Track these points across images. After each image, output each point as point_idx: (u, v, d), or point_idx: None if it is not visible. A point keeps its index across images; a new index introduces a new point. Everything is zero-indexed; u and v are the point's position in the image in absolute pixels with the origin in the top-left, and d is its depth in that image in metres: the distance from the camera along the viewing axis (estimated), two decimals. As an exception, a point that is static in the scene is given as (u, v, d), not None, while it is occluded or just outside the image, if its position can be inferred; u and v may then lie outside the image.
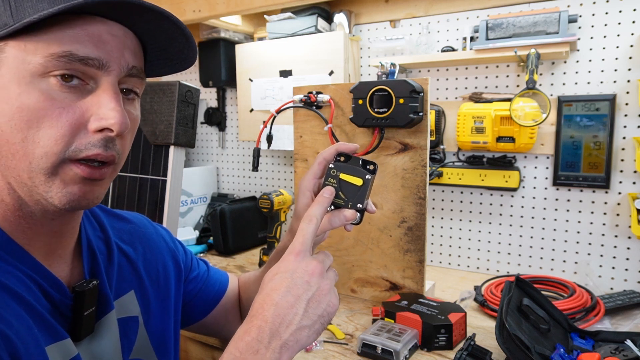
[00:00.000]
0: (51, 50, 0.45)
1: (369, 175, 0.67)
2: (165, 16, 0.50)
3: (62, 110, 0.46)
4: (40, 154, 0.46)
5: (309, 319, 0.51)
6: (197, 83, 2.05)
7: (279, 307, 0.50)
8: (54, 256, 0.55)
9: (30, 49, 0.45)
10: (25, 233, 0.51)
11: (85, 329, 0.55)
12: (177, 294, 0.76)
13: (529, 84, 1.29)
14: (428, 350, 0.96)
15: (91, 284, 0.56)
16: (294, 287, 0.52)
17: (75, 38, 0.46)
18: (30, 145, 0.46)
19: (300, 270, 0.53)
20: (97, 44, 0.47)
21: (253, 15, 1.90)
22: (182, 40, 0.54)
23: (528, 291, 1.00)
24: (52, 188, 0.48)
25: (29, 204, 0.50)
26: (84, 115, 0.48)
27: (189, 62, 0.59)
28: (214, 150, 2.17)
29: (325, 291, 0.53)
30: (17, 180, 0.48)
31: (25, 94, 0.45)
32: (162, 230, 0.80)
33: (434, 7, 1.52)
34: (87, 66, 0.47)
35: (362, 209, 0.68)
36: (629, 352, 0.86)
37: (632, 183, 1.28)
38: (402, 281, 1.18)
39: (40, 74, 0.46)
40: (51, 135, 0.46)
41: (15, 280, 0.48)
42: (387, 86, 1.07)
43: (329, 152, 0.71)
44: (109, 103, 0.48)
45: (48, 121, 0.46)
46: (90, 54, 0.47)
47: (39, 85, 0.46)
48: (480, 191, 1.51)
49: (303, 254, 0.55)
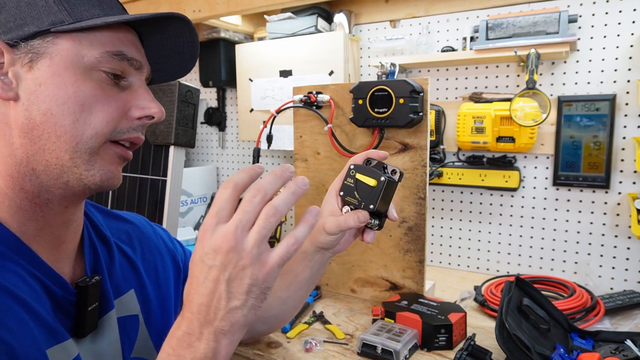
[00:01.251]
0: (107, 48, 0.53)
1: (384, 177, 0.67)
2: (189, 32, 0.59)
3: (111, 99, 0.53)
4: (91, 135, 0.52)
5: (237, 299, 0.46)
6: (197, 83, 2.05)
7: (200, 296, 0.46)
8: (59, 250, 0.56)
9: (85, 44, 0.52)
10: (38, 222, 0.53)
11: (89, 325, 0.56)
12: (177, 293, 0.76)
13: (529, 84, 1.29)
14: (428, 350, 0.96)
15: (94, 280, 0.57)
16: (210, 271, 0.46)
17: (121, 42, 0.54)
18: (81, 126, 0.52)
19: (209, 251, 0.46)
20: (137, 49, 0.56)
21: (253, 15, 1.90)
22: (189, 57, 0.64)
23: (528, 291, 1.00)
24: (94, 166, 0.53)
25: (51, 189, 0.53)
26: (126, 104, 0.55)
27: (181, 75, 0.67)
28: (214, 150, 2.17)
29: (245, 264, 0.46)
30: (49, 163, 0.51)
31: (81, 81, 0.51)
32: (160, 231, 0.80)
33: (434, 7, 1.52)
34: (130, 66, 0.55)
35: (374, 210, 0.67)
36: (629, 352, 0.86)
37: (632, 183, 1.28)
38: (402, 281, 1.18)
39: (94, 66, 0.52)
40: (103, 118, 0.53)
41: (18, 280, 0.49)
42: (387, 86, 1.07)
43: (359, 157, 0.73)
44: (148, 96, 0.57)
45: (100, 106, 0.52)
46: (135, 56, 0.55)
47: (91, 76, 0.52)
48: (480, 191, 1.51)
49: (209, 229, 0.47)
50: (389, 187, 0.68)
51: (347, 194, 0.70)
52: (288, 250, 0.48)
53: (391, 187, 0.68)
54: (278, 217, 0.48)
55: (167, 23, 0.57)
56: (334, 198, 0.74)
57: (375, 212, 0.68)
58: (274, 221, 0.47)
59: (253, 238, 0.46)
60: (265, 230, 0.47)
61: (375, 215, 0.70)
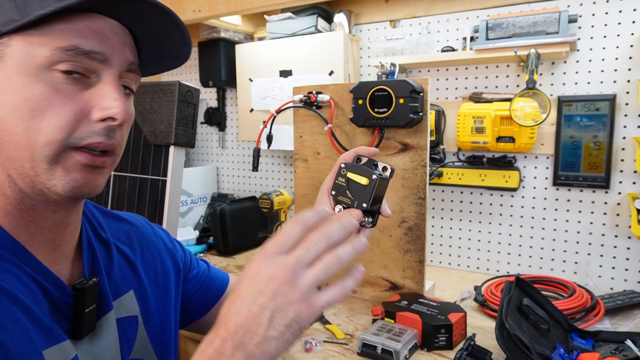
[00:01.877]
0: (58, 44, 0.47)
1: (375, 175, 0.67)
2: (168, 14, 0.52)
3: (66, 100, 0.48)
4: (44, 142, 0.48)
5: (276, 330, 0.46)
6: (197, 83, 2.05)
7: (241, 317, 0.46)
8: (56, 253, 0.56)
9: (36, 42, 0.47)
10: (29, 227, 0.52)
11: (86, 327, 0.55)
12: (177, 294, 0.76)
13: (529, 84, 1.29)
14: (428, 350, 0.96)
15: (91, 281, 0.56)
16: (258, 296, 0.47)
17: (79, 33, 0.49)
18: (33, 134, 0.48)
19: (264, 276, 0.47)
20: (101, 39, 0.50)
21: (253, 15, 1.90)
22: (178, 40, 0.56)
23: (528, 291, 1.00)
24: (54, 176, 0.49)
25: (30, 196, 0.51)
26: (86, 105, 0.50)
27: (183, 60, 0.61)
28: (214, 150, 2.17)
29: (293, 300, 0.47)
30: (18, 172, 0.49)
31: (31, 85, 0.47)
32: (160, 231, 0.80)
33: (434, 7, 1.52)
34: (92, 60, 0.49)
35: (367, 209, 0.67)
36: (629, 352, 0.86)
37: (632, 183, 1.28)
38: (402, 281, 1.18)
39: (46, 66, 0.48)
40: (55, 124, 0.48)
41: (15, 281, 0.48)
42: (387, 86, 1.07)
43: (349, 155, 0.73)
44: (113, 94, 0.50)
45: (52, 110, 0.48)
46: (95, 48, 0.49)
47: (44, 77, 0.48)
48: (480, 191, 1.51)
49: (271, 256, 0.48)
50: (381, 184, 0.68)
51: (339, 194, 0.70)
52: (335, 298, 0.50)
53: (383, 184, 0.68)
54: (337, 268, 0.49)
55: (131, 6, 0.50)
56: (325, 197, 0.73)
57: (369, 210, 0.68)
58: (333, 269, 0.49)
59: (309, 278, 0.48)
60: (323, 275, 0.48)
61: (369, 213, 0.70)
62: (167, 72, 0.66)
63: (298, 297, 0.47)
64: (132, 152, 1.25)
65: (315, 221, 0.51)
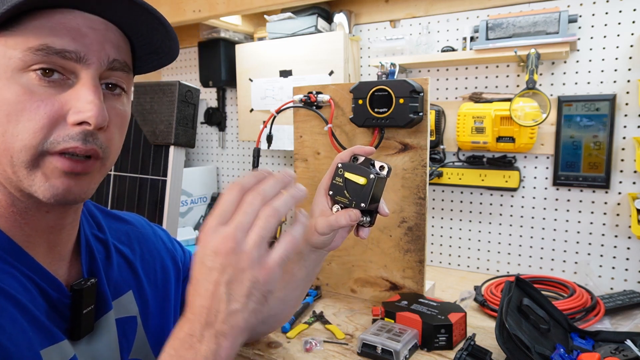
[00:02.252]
0: (29, 44, 0.46)
1: (373, 174, 0.67)
2: (139, 5, 0.49)
3: (40, 103, 0.46)
4: (20, 147, 0.47)
5: (237, 302, 0.46)
6: (197, 83, 2.05)
7: (201, 298, 0.46)
8: (53, 253, 0.55)
9: (10, 44, 0.46)
10: (23, 229, 0.52)
11: (84, 328, 0.55)
12: (177, 294, 0.76)
13: (529, 84, 1.29)
14: (428, 350, 0.96)
15: (89, 282, 0.56)
16: (210, 273, 0.46)
17: (52, 31, 0.46)
18: (10, 139, 0.46)
19: (209, 252, 0.46)
20: (75, 37, 0.47)
21: (253, 15, 1.90)
22: (161, 31, 0.54)
23: (528, 291, 1.00)
24: (34, 182, 0.48)
25: (20, 199, 0.50)
26: (62, 108, 0.48)
27: (173, 54, 0.58)
28: (214, 150, 2.17)
29: (244, 268, 0.46)
30: (3, 176, 0.49)
31: (5, 88, 0.46)
32: (160, 231, 0.80)
33: (434, 7, 1.52)
34: (65, 59, 0.47)
35: (366, 208, 0.67)
36: (629, 352, 0.86)
37: (632, 183, 1.28)
38: (402, 281, 1.18)
39: (21, 68, 0.46)
40: (29, 128, 0.46)
41: (13, 281, 0.48)
42: (387, 86, 1.07)
43: (346, 154, 0.73)
44: (87, 96, 0.48)
45: (27, 114, 0.46)
46: (68, 46, 0.47)
47: (19, 79, 0.46)
48: (480, 191, 1.51)
49: (211, 230, 0.47)
50: (379, 183, 0.68)
51: (337, 194, 0.70)
52: (286, 250, 0.48)
53: (381, 183, 0.68)
54: (277, 218, 0.47)
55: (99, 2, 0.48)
56: (323, 197, 0.73)
57: (367, 209, 0.68)
58: (273, 222, 0.47)
59: (252, 239, 0.46)
60: (265, 231, 0.46)
61: (367, 212, 0.70)
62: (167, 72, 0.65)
63: (248, 263, 0.46)
64: (132, 152, 1.25)
65: (252, 183, 0.49)
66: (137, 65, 0.58)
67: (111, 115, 0.51)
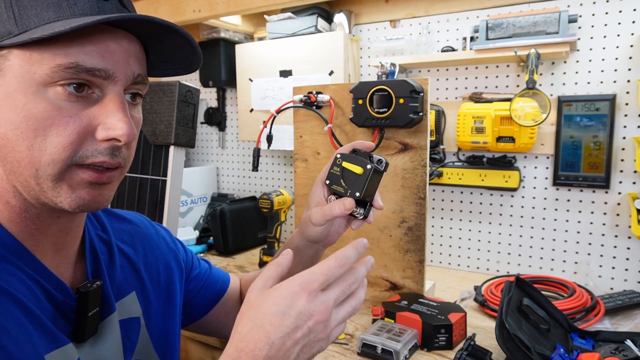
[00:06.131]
0: (58, 62, 0.45)
1: (370, 164, 0.67)
2: (175, 30, 0.50)
3: (69, 119, 0.47)
4: (47, 161, 0.47)
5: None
6: (197, 83, 2.05)
7: (273, 349, 0.47)
8: (59, 256, 0.55)
9: (35, 58, 0.45)
10: (33, 234, 0.52)
11: (89, 330, 0.55)
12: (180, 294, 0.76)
13: (529, 84, 1.29)
14: (428, 350, 0.96)
15: (95, 285, 0.56)
16: (295, 331, 0.48)
17: (81, 49, 0.46)
18: (37, 153, 0.47)
19: (305, 312, 0.48)
20: (104, 55, 0.47)
21: (253, 15, 1.90)
22: (188, 50, 0.55)
23: (528, 291, 1.00)
24: (60, 193, 0.48)
25: (35, 205, 0.50)
26: (91, 123, 0.48)
27: (194, 68, 0.59)
28: (214, 150, 2.17)
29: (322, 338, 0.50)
30: (23, 185, 0.49)
31: (32, 103, 0.46)
32: (162, 231, 0.80)
33: (434, 7, 1.52)
34: (94, 77, 0.47)
35: (360, 198, 0.68)
36: (629, 352, 0.86)
37: (632, 183, 1.28)
38: (402, 281, 1.18)
39: (47, 83, 0.46)
40: (58, 143, 0.47)
41: (20, 284, 0.48)
42: (387, 86, 1.07)
43: (346, 147, 0.74)
44: (117, 113, 0.48)
45: (55, 129, 0.46)
46: (97, 65, 0.47)
47: (45, 94, 0.46)
48: (480, 191, 1.51)
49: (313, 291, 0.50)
50: (375, 175, 0.68)
51: (333, 182, 0.71)
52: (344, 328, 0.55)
53: (377, 175, 0.69)
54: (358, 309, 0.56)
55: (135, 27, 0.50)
56: (320, 189, 0.74)
57: (361, 200, 0.69)
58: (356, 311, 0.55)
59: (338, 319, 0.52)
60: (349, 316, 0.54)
61: (361, 203, 0.70)
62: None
63: (326, 335, 0.51)
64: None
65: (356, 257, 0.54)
66: (149, 69, 0.58)
67: None
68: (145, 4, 1.72)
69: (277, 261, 0.56)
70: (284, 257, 0.56)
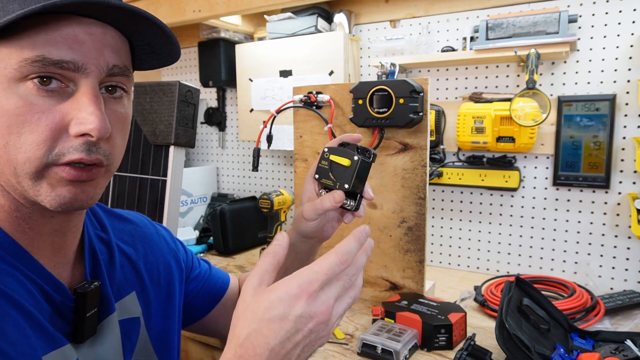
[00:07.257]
0: (24, 55, 0.44)
1: (357, 156, 0.68)
2: (142, 16, 0.48)
3: (41, 115, 0.45)
4: (24, 160, 0.46)
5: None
6: (197, 83, 2.05)
7: (273, 354, 0.45)
8: (57, 256, 0.55)
9: (5, 53, 0.44)
10: (27, 234, 0.51)
11: (87, 331, 0.55)
12: (180, 294, 0.76)
13: (529, 84, 1.29)
14: (428, 350, 0.96)
15: (93, 285, 0.56)
16: (295, 335, 0.46)
17: (48, 40, 0.45)
18: (13, 151, 0.46)
19: (306, 316, 0.46)
20: (72, 46, 0.46)
21: (253, 15, 1.90)
22: (162, 36, 0.53)
23: (528, 291, 1.00)
24: (40, 192, 0.47)
25: (25, 205, 0.50)
26: (64, 119, 0.46)
27: (174, 56, 0.57)
28: (214, 150, 2.17)
29: (323, 336, 0.49)
30: (7, 184, 0.49)
31: (3, 99, 0.45)
32: (162, 231, 0.80)
33: (434, 7, 1.52)
34: (63, 69, 0.45)
35: (349, 189, 0.68)
36: (629, 352, 0.86)
37: (632, 183, 1.28)
38: (402, 281, 1.18)
39: (18, 78, 0.45)
40: (32, 141, 0.45)
41: (17, 284, 0.48)
42: (387, 86, 1.07)
43: (334, 141, 0.74)
44: (89, 107, 0.46)
45: (28, 126, 0.45)
46: (65, 56, 0.45)
47: (17, 90, 0.45)
48: (480, 191, 1.51)
49: (315, 291, 0.47)
50: (363, 166, 0.69)
51: (322, 176, 0.72)
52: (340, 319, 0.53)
53: (365, 166, 0.69)
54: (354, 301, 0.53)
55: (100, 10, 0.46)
56: (310, 184, 0.74)
57: (351, 191, 0.69)
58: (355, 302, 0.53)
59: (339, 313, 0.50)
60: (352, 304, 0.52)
61: (351, 195, 0.71)
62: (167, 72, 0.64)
63: (327, 333, 0.49)
64: (132, 152, 1.25)
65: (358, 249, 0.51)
66: (136, 63, 0.57)
67: (112, 121, 0.50)
68: (145, 4, 1.72)
69: (272, 251, 0.52)
70: (279, 245, 0.52)
